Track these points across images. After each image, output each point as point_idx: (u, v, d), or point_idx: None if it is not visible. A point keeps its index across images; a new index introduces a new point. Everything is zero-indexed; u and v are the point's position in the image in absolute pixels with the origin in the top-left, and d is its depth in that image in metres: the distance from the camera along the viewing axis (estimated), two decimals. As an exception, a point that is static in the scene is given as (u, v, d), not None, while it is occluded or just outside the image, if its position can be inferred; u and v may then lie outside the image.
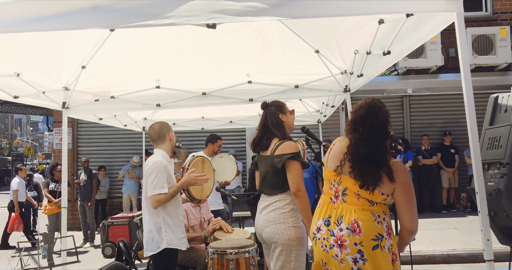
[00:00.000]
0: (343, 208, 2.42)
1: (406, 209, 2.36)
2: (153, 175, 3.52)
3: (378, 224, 2.34)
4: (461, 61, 2.22)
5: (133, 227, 7.87)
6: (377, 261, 2.30)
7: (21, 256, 3.57)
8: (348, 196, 2.42)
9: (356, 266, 2.32)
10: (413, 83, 10.83)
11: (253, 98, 5.15)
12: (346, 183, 2.44)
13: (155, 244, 3.55)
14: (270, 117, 3.39)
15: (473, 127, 2.14)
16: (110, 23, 2.19)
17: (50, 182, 8.89)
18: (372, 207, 2.38)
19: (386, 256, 2.32)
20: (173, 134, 3.85)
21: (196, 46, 4.44)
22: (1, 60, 3.83)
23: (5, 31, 2.21)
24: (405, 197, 2.37)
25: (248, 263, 3.70)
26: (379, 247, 2.31)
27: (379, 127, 2.44)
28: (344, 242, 2.35)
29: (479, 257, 6.96)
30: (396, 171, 2.37)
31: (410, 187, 2.39)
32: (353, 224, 2.34)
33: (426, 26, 2.64)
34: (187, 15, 2.07)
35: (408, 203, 2.37)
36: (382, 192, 2.37)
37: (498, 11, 11.05)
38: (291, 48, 4.49)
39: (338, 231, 2.37)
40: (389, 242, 2.36)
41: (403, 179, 2.37)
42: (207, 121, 7.96)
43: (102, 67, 4.61)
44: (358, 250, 2.31)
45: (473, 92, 2.50)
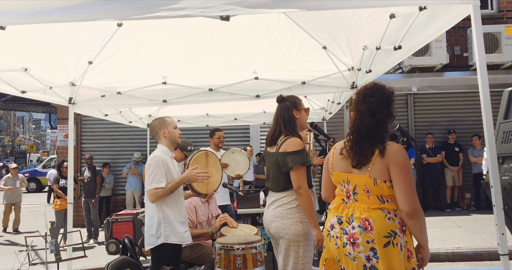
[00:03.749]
0: (355, 206, 2.42)
1: (400, 189, 2.29)
2: (151, 170, 3.55)
3: (389, 221, 2.31)
4: (477, 55, 2.20)
5: (137, 224, 7.87)
6: (389, 259, 2.28)
7: (29, 251, 3.57)
8: (359, 195, 2.42)
9: (370, 263, 2.31)
10: (418, 81, 10.80)
11: (259, 94, 5.14)
12: (354, 180, 2.44)
13: (153, 238, 3.59)
14: (283, 112, 3.35)
15: (488, 122, 2.12)
16: (123, 15, 2.17)
17: (59, 178, 8.89)
18: (382, 205, 2.36)
19: (398, 254, 2.28)
20: (169, 129, 3.80)
21: (203, 45, 4.43)
22: (10, 54, 3.84)
23: (18, 22, 2.19)
24: (400, 177, 2.30)
25: (255, 258, 3.69)
26: (390, 244, 2.28)
27: (387, 100, 2.48)
28: (356, 240, 2.34)
29: (484, 255, 6.95)
30: (390, 150, 2.35)
31: (405, 167, 2.31)
32: (364, 222, 2.33)
33: (439, 20, 2.61)
34: (200, 7, 2.05)
35: (402, 183, 2.29)
36: (384, 180, 2.34)
37: (504, 9, 11.00)
38: (298, 44, 4.48)
39: (351, 229, 2.36)
40: (402, 239, 2.31)
41: (397, 159, 2.32)
42: (211, 118, 7.95)
43: (109, 63, 4.60)
44: (371, 248, 2.30)
45: (478, 90, 2.48)
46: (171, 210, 3.65)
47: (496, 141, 3.77)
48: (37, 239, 3.97)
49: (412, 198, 2.27)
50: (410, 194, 2.28)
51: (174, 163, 3.83)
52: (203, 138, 10.80)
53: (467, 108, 11.27)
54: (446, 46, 10.39)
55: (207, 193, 4.03)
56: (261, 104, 7.07)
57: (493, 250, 6.95)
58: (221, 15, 2.09)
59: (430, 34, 2.83)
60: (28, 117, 73.53)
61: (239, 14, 2.10)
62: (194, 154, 3.99)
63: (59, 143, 11.63)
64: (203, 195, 4.06)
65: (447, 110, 11.31)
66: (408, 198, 2.27)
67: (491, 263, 6.72)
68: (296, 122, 3.36)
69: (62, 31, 3.83)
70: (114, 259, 3.25)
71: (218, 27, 4.10)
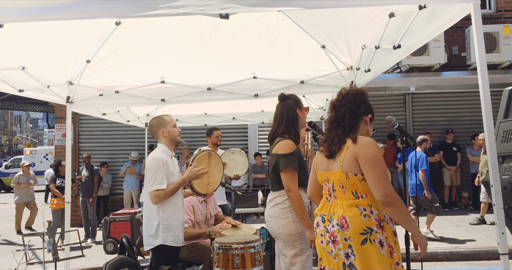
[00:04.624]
0: (335, 204, 2.48)
1: (370, 179, 2.33)
2: (152, 171, 3.54)
3: (365, 218, 2.36)
4: (477, 54, 2.20)
5: (135, 224, 7.86)
6: (365, 256, 2.31)
7: (26, 250, 3.55)
8: (337, 191, 2.48)
9: (348, 260, 2.36)
10: (416, 81, 10.81)
11: (258, 93, 5.13)
12: (332, 177, 2.50)
13: (152, 239, 3.59)
14: (287, 111, 3.35)
15: (488, 121, 2.11)
16: (121, 13, 2.16)
17: (56, 178, 8.86)
18: (357, 201, 2.40)
19: (376, 250, 2.31)
20: (168, 128, 3.78)
21: (202, 44, 4.42)
22: (7, 53, 3.82)
23: (17, 20, 2.18)
24: (368, 168, 2.33)
25: (253, 258, 3.68)
26: (368, 241, 2.32)
27: (359, 101, 2.57)
28: (336, 238, 2.40)
29: (482, 254, 6.96)
30: (359, 142, 2.40)
31: (372, 158, 2.34)
32: (341, 220, 2.38)
33: (439, 19, 2.61)
34: (200, 5, 2.04)
35: (372, 174, 2.32)
36: (354, 173, 2.38)
37: (502, 9, 11.02)
38: (297, 44, 4.47)
39: (331, 227, 2.43)
40: (381, 235, 2.34)
41: (364, 150, 2.36)
42: (210, 117, 7.95)
43: (107, 62, 4.58)
44: (349, 245, 2.35)
45: (476, 90, 2.47)
46: (171, 211, 3.63)
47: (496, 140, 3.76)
48: (34, 238, 3.96)
49: (383, 186, 2.30)
50: (381, 183, 2.30)
51: (174, 162, 3.82)
52: (201, 137, 10.79)
53: (465, 108, 11.29)
54: (444, 46, 10.40)
55: (207, 193, 4.02)
56: (260, 104, 7.06)
57: (491, 250, 6.96)
58: (220, 13, 2.08)
59: (429, 33, 2.82)
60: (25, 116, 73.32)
61: (239, 12, 2.09)
62: (197, 154, 3.98)
63: (57, 142, 11.60)
64: (203, 195, 4.05)
65: (445, 109, 11.33)
66: (379, 186, 2.30)
67: (489, 262, 6.73)
68: (299, 120, 3.38)
69: (60, 30, 3.81)
70: (112, 259, 3.24)
71: (218, 28, 4.09)
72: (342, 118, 2.52)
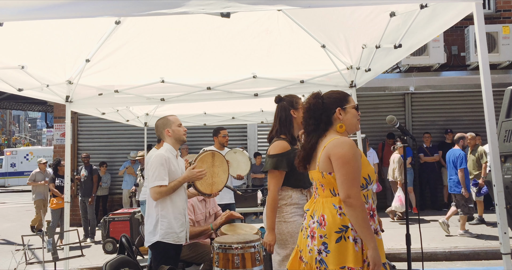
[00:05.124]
0: (318, 201, 2.55)
1: (337, 179, 2.37)
2: (154, 167, 3.56)
3: (340, 216, 2.39)
4: (480, 53, 2.18)
5: (134, 223, 7.84)
6: (342, 253, 2.35)
7: (26, 250, 3.54)
8: (318, 189, 2.55)
9: (320, 256, 2.41)
10: (415, 80, 10.80)
11: (258, 93, 5.13)
12: (314, 176, 2.58)
13: (151, 236, 3.61)
14: (280, 112, 3.39)
15: (491, 120, 2.11)
16: (123, 12, 2.15)
17: (55, 177, 8.83)
18: (333, 198, 2.44)
19: (349, 247, 2.35)
20: (173, 127, 3.80)
21: (203, 44, 4.41)
22: (7, 52, 3.82)
23: (16, 18, 2.17)
24: (336, 167, 2.38)
25: (253, 258, 3.67)
26: (342, 238, 2.36)
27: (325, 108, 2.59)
28: (314, 234, 2.46)
29: (481, 254, 6.96)
30: (332, 142, 2.43)
31: (341, 159, 2.36)
32: (320, 218, 2.45)
33: (440, 18, 2.60)
34: (201, 4, 2.03)
35: (339, 173, 2.36)
36: (329, 172, 2.42)
37: (501, 9, 11.02)
38: (297, 44, 4.46)
39: (312, 224, 2.50)
40: (355, 233, 2.37)
41: (335, 150, 2.40)
42: (209, 117, 7.94)
43: (107, 61, 4.57)
44: (323, 242, 2.40)
45: (475, 90, 2.47)
46: (171, 209, 3.65)
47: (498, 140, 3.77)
48: (33, 238, 3.95)
49: (347, 186, 2.33)
50: (346, 183, 2.33)
51: (178, 161, 3.83)
52: (200, 137, 10.78)
53: (464, 108, 11.29)
54: (443, 46, 10.41)
55: (211, 193, 4.02)
56: (259, 103, 7.05)
57: (491, 250, 6.96)
58: (221, 12, 2.07)
59: (431, 32, 2.82)
60: (24, 116, 73.20)
61: (240, 11, 2.08)
62: (200, 154, 3.97)
63: (56, 142, 11.57)
64: (207, 195, 4.03)
65: (444, 109, 11.33)
66: (344, 186, 2.33)
67: (488, 262, 6.73)
68: (294, 121, 3.38)
69: (59, 29, 3.81)
70: (112, 258, 3.23)
71: (218, 28, 4.09)
72: (309, 126, 2.61)
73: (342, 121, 2.56)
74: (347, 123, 2.57)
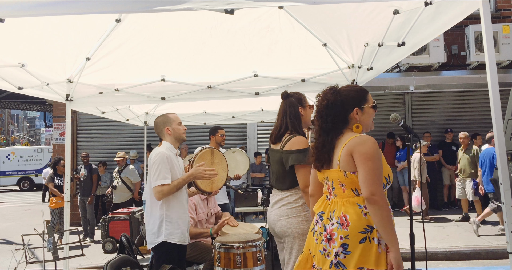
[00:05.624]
0: (335, 202, 2.43)
1: (360, 175, 2.28)
2: (155, 166, 3.50)
3: (365, 216, 2.30)
4: (487, 51, 2.15)
5: (134, 223, 7.83)
6: (362, 253, 2.26)
7: (26, 249, 3.51)
8: (336, 190, 2.43)
9: (336, 259, 2.30)
10: (415, 80, 10.81)
11: (259, 91, 5.09)
12: (330, 175, 2.45)
13: (154, 237, 3.54)
14: (289, 109, 3.30)
15: (497, 118, 2.09)
16: (125, 8, 2.12)
17: (54, 177, 8.80)
18: (357, 198, 2.35)
19: (373, 248, 2.26)
20: (173, 126, 3.75)
21: (203, 43, 4.38)
22: (7, 50, 3.79)
23: (17, 14, 2.14)
24: (359, 164, 2.28)
25: (255, 257, 3.66)
26: (367, 239, 2.27)
27: (340, 102, 2.48)
28: (333, 236, 2.34)
29: (482, 254, 6.96)
30: (354, 140, 2.34)
31: (365, 155, 2.28)
32: (342, 218, 2.34)
33: (445, 16, 2.57)
34: (204, 0, 2.00)
35: (362, 170, 2.26)
36: (352, 171, 2.33)
37: (501, 8, 11.02)
38: (298, 43, 4.43)
39: (330, 226, 2.38)
40: (380, 234, 2.29)
41: (358, 148, 2.31)
42: (209, 116, 7.92)
43: (107, 60, 4.54)
44: (343, 244, 2.29)
45: (475, 89, 2.45)
46: (175, 208, 3.59)
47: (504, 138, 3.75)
48: (33, 237, 3.92)
49: (371, 183, 2.23)
50: (369, 180, 2.24)
51: (178, 160, 3.78)
52: (200, 136, 10.77)
53: (464, 107, 11.30)
54: (443, 45, 10.40)
55: (211, 191, 3.98)
56: (260, 102, 7.03)
57: (491, 249, 6.96)
58: (225, 9, 2.04)
59: (435, 30, 2.79)
60: (22, 116, 73.08)
61: (244, 7, 2.05)
62: (199, 151, 3.94)
63: (55, 141, 11.54)
64: (207, 193, 3.99)
65: (444, 109, 11.33)
66: (366, 183, 2.24)
67: (489, 262, 6.73)
68: (301, 119, 3.31)
69: (59, 27, 3.78)
70: (113, 258, 3.20)
71: (218, 25, 4.06)
72: (326, 124, 2.48)
73: (358, 121, 2.46)
74: (363, 124, 2.48)
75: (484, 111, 11.10)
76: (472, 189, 8.78)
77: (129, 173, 9.39)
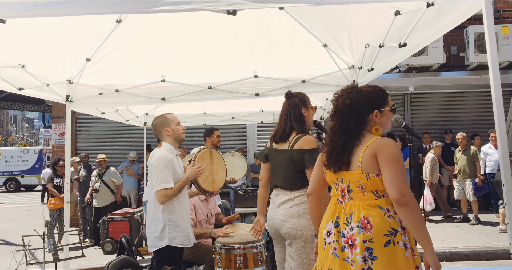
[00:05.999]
0: (352, 206, 2.30)
1: (387, 177, 2.17)
2: (158, 170, 3.45)
3: (389, 218, 2.20)
4: (489, 51, 2.16)
5: (134, 223, 7.81)
6: (391, 258, 2.15)
7: (26, 250, 3.50)
8: (354, 192, 2.30)
9: (367, 265, 2.17)
10: (414, 80, 10.82)
11: (259, 92, 5.09)
12: (347, 177, 2.33)
13: (157, 240, 3.50)
14: (293, 109, 3.27)
15: (500, 119, 2.09)
16: (128, 8, 2.12)
17: (54, 177, 8.78)
18: (379, 201, 2.24)
19: (400, 252, 2.15)
20: (172, 126, 3.71)
21: (203, 43, 4.39)
22: (7, 51, 3.79)
23: (19, 15, 2.13)
24: (385, 165, 2.19)
25: (256, 258, 3.66)
26: (391, 242, 2.16)
27: (363, 101, 2.38)
28: (354, 241, 2.21)
29: (481, 255, 6.95)
30: (379, 141, 2.26)
31: (391, 156, 2.20)
32: (363, 221, 2.21)
33: (447, 17, 2.58)
34: (207, 1, 2.00)
35: (389, 171, 2.17)
36: (376, 174, 2.24)
37: (501, 9, 11.03)
38: (299, 44, 4.44)
39: (349, 231, 2.25)
40: (404, 237, 2.20)
41: (384, 149, 2.22)
42: (209, 116, 7.92)
43: (107, 60, 4.54)
44: (367, 248, 2.17)
45: (475, 90, 2.44)
46: (177, 211, 3.55)
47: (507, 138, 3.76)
48: (32, 238, 3.91)
49: (399, 184, 2.14)
50: (397, 180, 2.15)
51: (179, 161, 3.76)
52: (200, 137, 10.72)
53: (463, 108, 11.31)
54: (443, 46, 10.41)
55: (213, 191, 3.97)
56: (259, 103, 7.03)
57: (491, 250, 6.96)
58: (228, 9, 2.04)
59: (436, 31, 2.79)
60: (21, 116, 72.98)
61: (246, 8, 2.05)
62: (199, 151, 3.93)
63: (54, 142, 11.51)
64: (209, 193, 3.98)
65: (443, 110, 11.34)
66: (394, 184, 2.14)
67: (488, 262, 6.73)
68: (304, 120, 3.28)
69: (60, 28, 3.77)
70: (114, 259, 3.20)
71: (219, 26, 4.06)
72: (348, 124, 2.36)
73: (378, 124, 2.38)
74: (382, 126, 2.40)
75: (484, 112, 11.11)
76: (472, 190, 8.77)
77: (112, 175, 9.01)
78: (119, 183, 9.16)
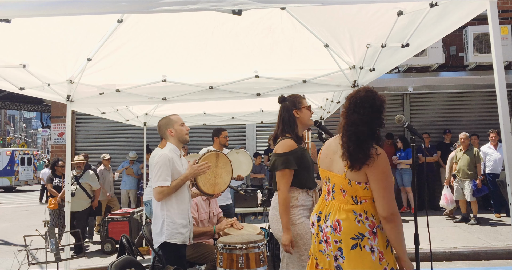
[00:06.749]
0: (332, 205, 2.49)
1: (378, 194, 2.32)
2: (157, 168, 3.55)
3: (358, 223, 2.36)
4: (494, 51, 2.16)
5: (133, 223, 7.80)
6: (354, 260, 2.33)
7: (28, 250, 3.50)
8: (336, 193, 2.47)
9: (337, 262, 2.39)
10: (414, 81, 10.84)
11: (260, 92, 5.09)
12: (334, 179, 2.48)
13: (157, 237, 3.60)
14: (283, 113, 3.39)
15: (505, 119, 2.09)
16: (132, 8, 2.11)
17: (53, 177, 8.76)
18: (355, 206, 2.39)
19: (366, 256, 2.32)
20: (175, 127, 3.78)
21: (205, 43, 4.38)
22: (9, 51, 3.78)
23: (23, 14, 2.13)
24: (378, 182, 2.32)
25: (257, 258, 3.66)
26: (358, 246, 2.33)
27: (378, 110, 2.43)
28: (328, 239, 2.43)
29: (481, 254, 6.97)
30: (379, 158, 2.34)
31: (383, 173, 2.33)
32: (335, 223, 2.40)
33: (450, 17, 2.57)
34: (212, 1, 2.00)
35: (381, 189, 2.32)
36: (358, 181, 2.36)
37: (499, 9, 11.02)
38: (300, 44, 4.44)
39: (325, 228, 2.46)
40: (373, 241, 2.34)
41: (380, 166, 2.33)
42: (209, 116, 7.91)
43: (108, 60, 4.53)
44: (338, 248, 2.38)
45: (474, 90, 2.44)
46: (176, 209, 3.63)
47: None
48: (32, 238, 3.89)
49: (389, 203, 2.31)
50: (387, 199, 2.31)
51: (182, 161, 3.80)
52: (199, 137, 10.74)
53: (462, 108, 11.33)
54: (442, 46, 10.43)
55: (213, 194, 3.99)
56: (260, 103, 7.03)
57: (490, 250, 6.97)
58: (233, 9, 2.04)
59: (440, 31, 2.78)
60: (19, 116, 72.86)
61: (252, 8, 2.05)
62: (204, 154, 3.94)
63: (53, 142, 11.50)
64: (209, 196, 4.01)
65: (443, 110, 11.37)
66: (385, 203, 2.30)
67: (488, 262, 6.74)
68: (297, 121, 3.36)
69: (61, 28, 3.77)
70: (117, 259, 3.20)
71: (220, 26, 4.06)
72: (368, 135, 2.40)
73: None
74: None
75: (483, 112, 11.14)
76: (471, 191, 8.77)
77: (90, 179, 8.32)
78: (96, 188, 8.39)
